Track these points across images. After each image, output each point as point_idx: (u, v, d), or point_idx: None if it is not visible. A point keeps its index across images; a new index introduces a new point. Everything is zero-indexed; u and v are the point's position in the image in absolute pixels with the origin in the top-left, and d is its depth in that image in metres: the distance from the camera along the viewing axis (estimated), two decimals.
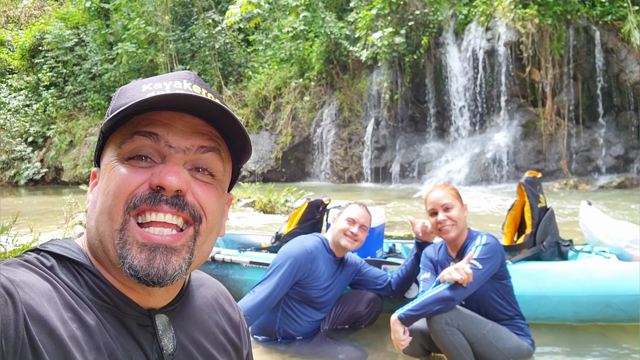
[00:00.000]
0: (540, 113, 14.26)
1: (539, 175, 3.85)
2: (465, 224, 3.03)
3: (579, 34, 13.78)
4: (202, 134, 0.84)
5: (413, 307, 2.70)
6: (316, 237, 3.21)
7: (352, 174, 16.58)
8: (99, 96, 21.42)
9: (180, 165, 0.82)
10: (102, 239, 0.80)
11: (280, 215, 9.19)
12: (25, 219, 7.23)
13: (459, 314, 2.77)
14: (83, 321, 0.73)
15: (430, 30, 15.06)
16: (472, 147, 14.86)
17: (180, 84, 0.84)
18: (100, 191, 0.83)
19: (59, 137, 21.18)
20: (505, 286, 2.97)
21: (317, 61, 17.21)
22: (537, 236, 3.66)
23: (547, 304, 3.39)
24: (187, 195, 0.81)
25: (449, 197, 2.98)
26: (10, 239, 4.34)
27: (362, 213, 3.17)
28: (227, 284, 3.96)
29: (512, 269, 3.44)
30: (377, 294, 3.40)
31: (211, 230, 0.86)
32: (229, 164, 0.91)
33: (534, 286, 3.40)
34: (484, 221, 7.99)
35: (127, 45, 19.26)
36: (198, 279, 1.02)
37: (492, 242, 2.89)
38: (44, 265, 0.77)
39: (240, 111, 18.63)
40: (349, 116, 16.78)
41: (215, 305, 1.00)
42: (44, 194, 17.77)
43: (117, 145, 0.83)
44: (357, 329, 3.42)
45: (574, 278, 3.38)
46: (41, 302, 0.69)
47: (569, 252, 3.85)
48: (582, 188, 12.78)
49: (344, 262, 3.31)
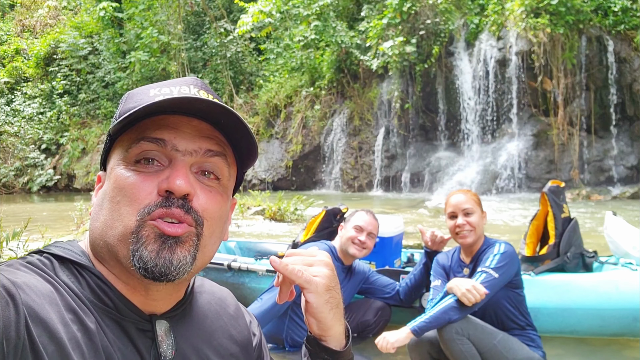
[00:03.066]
0: (552, 122, 14.17)
1: (563, 185, 3.76)
2: (482, 231, 3.01)
3: (592, 43, 13.70)
4: (209, 137, 0.85)
5: (426, 319, 2.68)
6: (324, 245, 3.20)
7: (362, 183, 16.55)
8: (112, 104, 21.62)
9: (187, 169, 0.82)
10: (110, 241, 0.80)
11: (289, 223, 9.18)
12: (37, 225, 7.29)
13: (469, 324, 2.74)
14: (83, 323, 0.73)
15: (441, 40, 15.06)
16: (483, 157, 14.79)
17: (187, 89, 0.85)
18: (106, 196, 0.83)
19: (71, 145, 21.37)
20: (519, 295, 2.93)
21: (327, 70, 17.26)
22: (561, 247, 3.57)
23: (572, 317, 3.30)
24: (193, 201, 0.82)
25: (471, 202, 2.96)
26: (21, 244, 4.36)
27: (370, 221, 3.15)
28: (243, 292, 3.95)
29: (535, 280, 3.39)
30: (385, 303, 3.37)
31: (212, 234, 0.86)
32: (234, 169, 0.92)
33: (558, 298, 3.32)
34: (494, 231, 7.92)
35: (140, 54, 19.45)
36: (201, 286, 1.01)
37: (509, 250, 2.87)
38: (45, 267, 0.78)
39: (251, 119, 18.71)
40: (360, 125, 16.78)
41: (220, 311, 0.99)
42: (56, 201, 17.93)
43: (125, 149, 0.83)
44: (365, 338, 3.38)
45: (600, 290, 3.29)
46: (42, 304, 0.70)
47: (594, 264, 3.75)
48: (595, 198, 12.65)
49: (352, 270, 3.29)
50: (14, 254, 4.16)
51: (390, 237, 3.92)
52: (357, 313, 3.34)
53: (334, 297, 0.92)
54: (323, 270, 0.92)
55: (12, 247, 4.27)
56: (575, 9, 13.42)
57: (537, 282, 3.38)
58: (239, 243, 5.11)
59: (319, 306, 0.90)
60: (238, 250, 5.00)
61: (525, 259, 3.66)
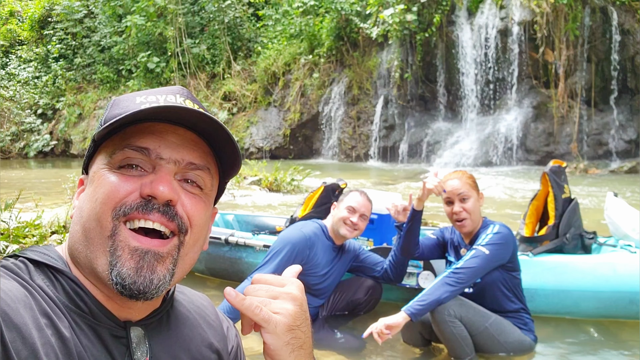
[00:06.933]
0: (552, 95, 14.05)
1: (564, 165, 3.72)
2: (480, 214, 2.99)
3: (595, 14, 13.46)
4: (193, 148, 0.85)
5: (420, 301, 2.67)
6: (315, 224, 3.19)
7: (359, 153, 16.50)
8: (108, 69, 21.36)
9: (171, 176, 0.83)
10: (90, 245, 0.80)
11: (286, 194, 9.18)
12: (32, 192, 7.27)
13: (462, 305, 2.75)
14: (57, 328, 0.73)
15: (442, 8, 14.78)
16: (482, 128, 14.72)
17: (173, 98, 0.85)
18: (87, 197, 0.83)
19: (68, 110, 21.20)
20: (515, 278, 2.92)
21: (327, 38, 17.00)
22: (560, 228, 3.55)
23: (569, 299, 3.30)
24: (177, 206, 0.82)
25: (466, 187, 2.93)
26: (13, 215, 4.34)
27: (363, 202, 3.12)
28: (241, 267, 3.97)
29: (533, 261, 3.39)
30: (375, 282, 3.37)
31: (195, 243, 0.87)
32: (216, 179, 0.92)
33: (555, 280, 3.32)
34: (491, 204, 7.92)
35: (136, 18, 19.12)
36: (182, 293, 1.01)
37: (504, 232, 2.85)
38: (20, 271, 0.77)
39: (249, 87, 18.53)
40: (358, 94, 16.63)
41: (199, 319, 0.99)
42: (53, 167, 17.89)
43: (108, 154, 0.83)
44: (355, 316, 3.41)
45: (598, 273, 3.28)
46: (17, 308, 0.69)
47: (593, 245, 3.74)
48: (593, 172, 12.65)
49: (343, 248, 3.28)
50: (7, 226, 4.15)
51: (387, 214, 3.90)
52: (348, 292, 3.35)
53: (298, 337, 0.81)
54: (286, 306, 0.81)
55: (4, 218, 4.25)
56: None
57: (535, 263, 3.37)
58: (236, 216, 5.10)
59: (277, 349, 0.79)
60: (236, 223, 4.99)
61: (523, 239, 3.65)
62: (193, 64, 19.45)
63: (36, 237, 4.23)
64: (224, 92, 18.73)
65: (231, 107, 18.54)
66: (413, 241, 3.10)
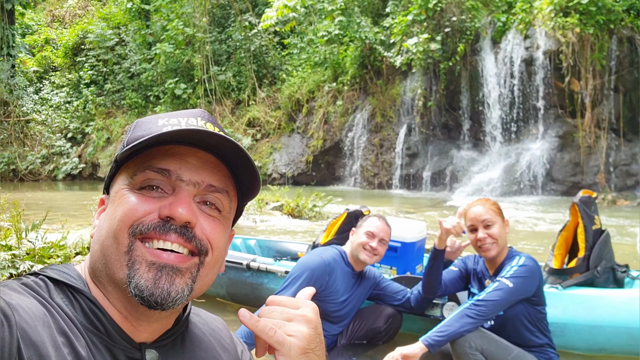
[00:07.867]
0: (578, 124, 13.87)
1: (594, 195, 3.61)
2: (505, 242, 2.91)
3: (623, 44, 13.35)
4: (213, 170, 0.87)
5: (439, 332, 2.62)
6: (334, 250, 3.16)
7: (382, 180, 16.45)
8: (137, 95, 21.87)
9: (190, 198, 0.84)
10: (107, 262, 0.81)
11: (307, 220, 9.17)
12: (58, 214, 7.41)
13: (484, 338, 2.68)
14: (74, 347, 0.73)
15: (467, 37, 14.83)
16: (506, 157, 14.54)
17: (195, 121, 0.87)
18: (107, 217, 0.85)
19: (96, 134, 21.68)
20: (539, 313, 2.83)
21: (351, 66, 17.16)
22: (591, 260, 3.42)
23: (601, 335, 3.18)
24: (195, 228, 0.83)
25: (490, 213, 2.86)
26: (40, 236, 4.42)
27: (382, 227, 3.10)
28: (262, 292, 3.94)
29: (563, 294, 3.29)
30: (396, 310, 3.32)
31: (215, 264, 0.88)
32: (235, 202, 0.93)
33: (586, 314, 3.20)
34: (516, 236, 7.78)
35: (165, 45, 19.61)
36: (197, 315, 1.01)
37: (530, 264, 2.76)
38: (40, 289, 0.78)
39: (273, 113, 18.73)
40: (381, 122, 16.67)
41: (214, 342, 0.98)
42: (80, 189, 18.24)
43: (130, 175, 0.85)
44: (375, 346, 3.35)
45: (632, 308, 3.15)
46: (35, 326, 0.70)
47: (625, 279, 3.60)
48: (621, 203, 12.35)
49: (363, 275, 3.24)
50: (33, 246, 4.22)
51: (412, 242, 3.85)
52: (368, 320, 3.30)
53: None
54: (301, 329, 0.81)
55: (30, 238, 4.33)
56: (606, 9, 13.07)
57: (565, 296, 3.27)
58: (258, 241, 5.10)
59: None
60: (258, 248, 4.99)
61: (552, 272, 3.52)
62: (219, 91, 19.79)
63: (60, 257, 4.29)
64: (248, 119, 18.97)
65: (255, 133, 18.74)
66: (435, 280, 3.05)
